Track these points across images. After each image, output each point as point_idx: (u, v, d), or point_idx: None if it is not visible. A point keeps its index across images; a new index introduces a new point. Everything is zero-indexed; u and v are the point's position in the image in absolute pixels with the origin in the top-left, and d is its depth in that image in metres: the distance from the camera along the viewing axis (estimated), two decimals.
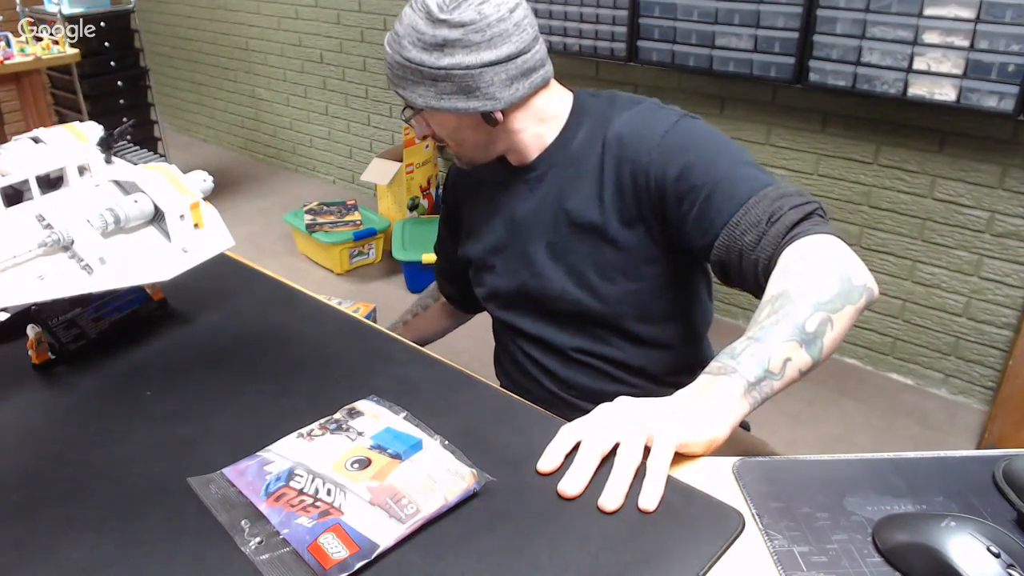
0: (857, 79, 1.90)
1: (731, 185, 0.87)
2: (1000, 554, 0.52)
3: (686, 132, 0.93)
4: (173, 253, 0.75)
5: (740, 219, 0.84)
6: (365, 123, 3.52)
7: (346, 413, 0.71)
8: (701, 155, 0.90)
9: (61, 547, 0.57)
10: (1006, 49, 1.69)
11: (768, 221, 0.83)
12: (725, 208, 0.86)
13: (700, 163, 0.89)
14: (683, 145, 0.91)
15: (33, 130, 0.82)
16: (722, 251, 0.86)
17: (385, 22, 3.19)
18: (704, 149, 0.91)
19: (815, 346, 0.72)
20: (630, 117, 0.96)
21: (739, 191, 0.86)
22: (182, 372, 0.80)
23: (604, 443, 0.63)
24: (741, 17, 2.04)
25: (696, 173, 0.88)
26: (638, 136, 0.94)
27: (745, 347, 0.71)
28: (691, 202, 0.89)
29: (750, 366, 0.69)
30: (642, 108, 0.97)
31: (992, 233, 1.98)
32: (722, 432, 0.66)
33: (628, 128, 0.95)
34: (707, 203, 0.87)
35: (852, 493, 0.63)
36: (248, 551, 0.56)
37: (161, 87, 4.50)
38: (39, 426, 0.73)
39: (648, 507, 0.60)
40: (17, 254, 0.67)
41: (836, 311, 0.73)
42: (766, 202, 0.84)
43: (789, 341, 0.71)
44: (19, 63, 2.70)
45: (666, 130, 0.92)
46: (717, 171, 0.88)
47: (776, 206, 0.83)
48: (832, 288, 0.74)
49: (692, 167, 0.89)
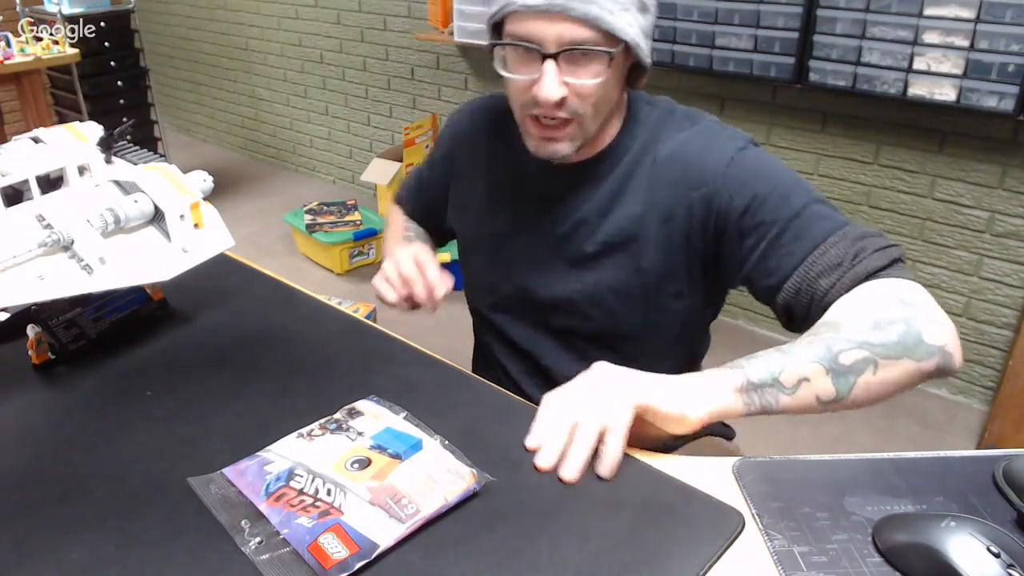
0: (857, 79, 1.90)
1: (805, 223, 0.79)
2: (1000, 554, 0.52)
3: (753, 162, 0.85)
4: (173, 253, 0.75)
5: (816, 260, 0.77)
6: (365, 123, 3.52)
7: (346, 413, 0.71)
8: (771, 188, 0.82)
9: (61, 547, 0.57)
10: (1006, 49, 1.69)
11: (849, 263, 0.76)
12: (799, 248, 0.79)
13: (770, 197, 0.81)
14: (751, 176, 0.83)
15: (33, 130, 0.82)
16: (791, 294, 0.79)
17: (385, 22, 3.19)
18: (773, 182, 0.82)
19: (844, 380, 0.67)
20: (688, 138, 0.87)
21: (814, 230, 0.79)
22: (182, 372, 0.80)
23: (569, 418, 0.67)
24: (741, 17, 2.04)
25: (766, 208, 0.81)
26: (699, 162, 0.85)
27: (764, 353, 0.69)
28: (757, 239, 0.81)
29: (757, 367, 0.68)
30: (701, 129, 0.88)
31: (992, 233, 1.98)
32: (695, 413, 0.65)
33: (687, 151, 0.87)
34: (777, 241, 0.80)
35: (852, 493, 0.63)
36: (248, 551, 0.56)
37: (161, 87, 4.50)
38: (39, 426, 0.73)
39: (602, 473, 0.64)
40: (17, 254, 0.67)
41: (886, 358, 0.67)
42: (846, 243, 0.77)
43: (814, 363, 0.67)
44: (19, 63, 2.70)
45: (731, 157, 0.84)
46: (789, 207, 0.80)
47: (858, 247, 0.77)
48: (891, 334, 0.68)
49: (761, 201, 0.81)
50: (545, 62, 0.78)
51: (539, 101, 0.80)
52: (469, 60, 2.95)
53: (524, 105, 0.83)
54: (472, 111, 1.05)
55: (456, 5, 2.63)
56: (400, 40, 3.17)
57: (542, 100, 0.79)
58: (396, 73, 3.26)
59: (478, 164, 1.01)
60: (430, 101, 3.18)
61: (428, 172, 1.13)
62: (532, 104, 0.82)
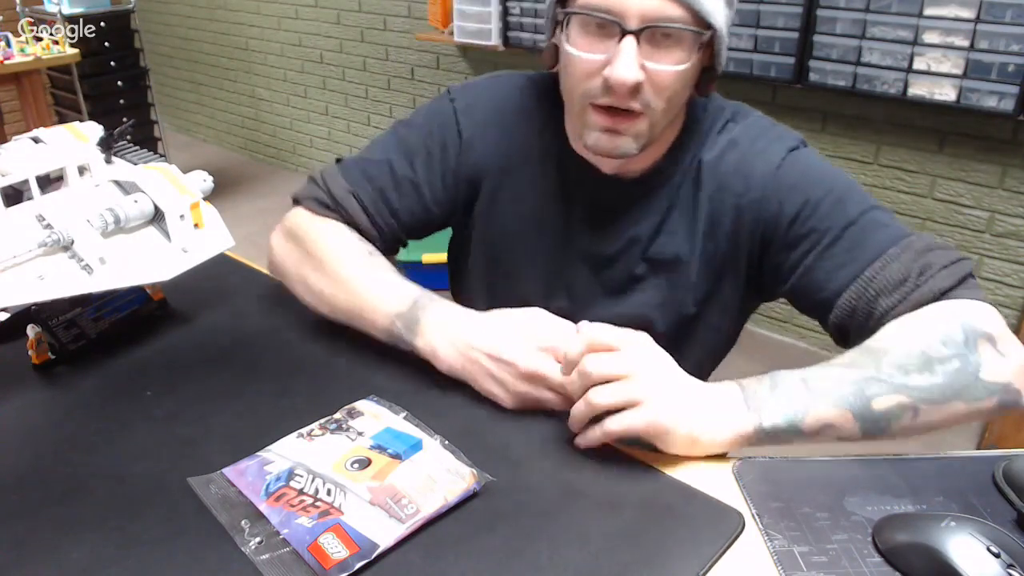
0: (857, 79, 1.90)
1: (862, 232, 0.72)
2: (1000, 554, 0.52)
3: (805, 164, 0.77)
4: (173, 253, 0.75)
5: (875, 276, 0.71)
6: (365, 123, 3.52)
7: (346, 413, 0.71)
8: (824, 193, 0.75)
9: (61, 547, 0.57)
10: (1006, 49, 1.69)
11: (913, 281, 0.69)
12: (855, 260, 0.72)
13: (823, 203, 0.74)
14: (802, 180, 0.76)
15: (33, 130, 0.82)
16: (846, 313, 0.72)
17: (385, 22, 3.19)
18: (827, 186, 0.75)
19: (875, 426, 0.64)
20: (735, 139, 0.79)
21: (873, 240, 0.72)
22: (182, 372, 0.80)
23: (617, 369, 0.62)
24: (741, 17, 2.03)
25: (818, 215, 0.74)
26: (746, 166, 0.78)
27: (786, 382, 0.65)
28: (808, 249, 0.74)
29: (774, 411, 0.63)
30: (748, 127, 0.80)
31: (992, 233, 1.98)
32: (695, 452, 0.65)
33: (733, 154, 0.79)
34: (829, 252, 0.73)
35: (852, 493, 0.63)
36: (248, 551, 0.55)
37: (161, 87, 4.50)
38: (39, 426, 0.73)
39: (578, 443, 0.65)
40: (17, 254, 0.67)
41: (931, 402, 0.63)
42: (909, 255, 0.70)
43: (841, 408, 0.63)
44: (19, 63, 2.70)
45: (781, 160, 0.77)
46: (844, 213, 0.73)
47: (923, 263, 0.70)
48: (939, 375, 0.63)
49: (813, 207, 0.74)
50: (624, 39, 0.67)
51: (611, 84, 0.69)
52: (469, 60, 2.95)
53: (587, 92, 0.72)
54: (492, 96, 0.86)
55: (456, 5, 2.63)
56: (400, 40, 3.17)
57: (616, 82, 0.68)
58: (396, 73, 3.26)
59: (513, 162, 0.85)
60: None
61: (422, 168, 0.86)
62: (599, 90, 0.71)
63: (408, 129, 0.87)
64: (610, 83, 0.69)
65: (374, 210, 0.85)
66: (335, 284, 0.80)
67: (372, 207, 0.85)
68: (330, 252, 0.81)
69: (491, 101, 0.86)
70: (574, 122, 0.77)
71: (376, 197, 0.85)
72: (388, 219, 0.86)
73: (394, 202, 0.85)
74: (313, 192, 0.87)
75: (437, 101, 0.88)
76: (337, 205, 0.85)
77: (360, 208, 0.84)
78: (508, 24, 2.57)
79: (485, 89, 0.87)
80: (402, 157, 0.86)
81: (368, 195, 0.85)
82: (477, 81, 0.88)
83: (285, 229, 0.88)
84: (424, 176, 0.85)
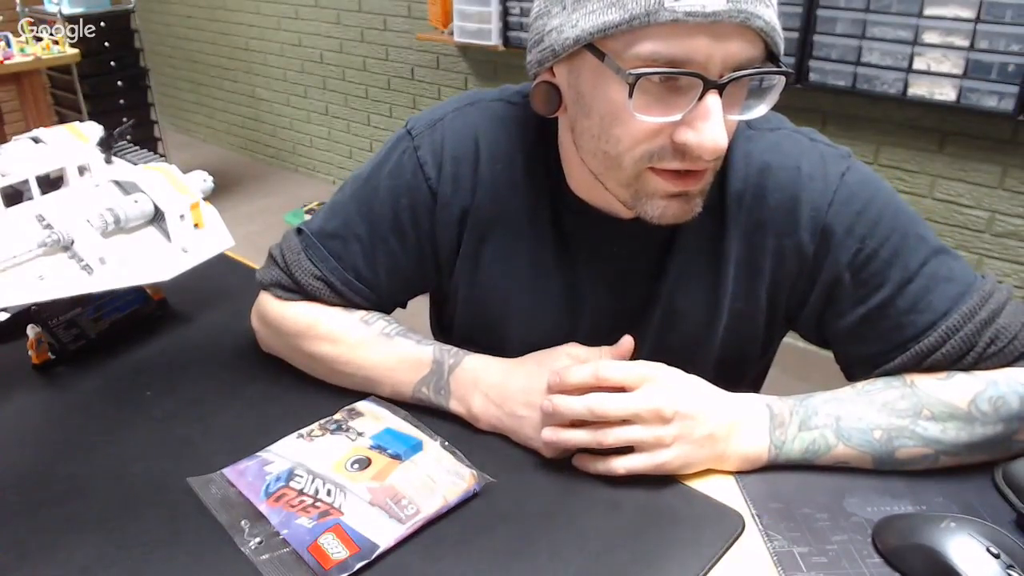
0: (857, 79, 1.90)
1: (923, 289, 0.64)
2: (1000, 555, 0.52)
3: (862, 193, 0.66)
4: (173, 253, 0.75)
5: (932, 349, 0.64)
6: (365, 123, 3.52)
7: (346, 413, 0.71)
8: (885, 237, 0.65)
9: (61, 547, 0.57)
10: (1006, 49, 1.69)
11: (980, 349, 0.63)
12: (912, 323, 0.64)
13: (882, 250, 0.65)
14: (858, 218, 0.66)
15: (33, 130, 0.82)
16: (890, 372, 0.66)
17: (385, 22, 3.19)
18: (888, 226, 0.65)
19: (889, 465, 0.64)
20: (770, 160, 0.68)
21: (935, 301, 0.64)
22: (182, 372, 0.80)
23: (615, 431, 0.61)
24: None
25: (875, 264, 0.65)
26: (792, 190, 0.66)
27: (820, 425, 0.64)
28: (859, 300, 0.66)
29: (796, 448, 0.64)
30: (782, 141, 0.69)
31: (992, 233, 1.98)
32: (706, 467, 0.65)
33: (772, 177, 0.67)
34: (886, 310, 0.65)
35: (852, 494, 0.63)
36: (248, 551, 0.55)
37: (161, 87, 4.50)
38: (39, 426, 0.73)
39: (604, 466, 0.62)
40: (17, 254, 0.67)
41: (955, 455, 0.63)
42: (973, 326, 0.63)
43: (863, 452, 0.64)
44: (19, 63, 2.70)
45: (835, 190, 0.66)
46: (903, 265, 0.64)
47: (992, 333, 0.63)
48: (976, 436, 0.62)
49: (870, 255, 0.65)
50: (707, 96, 0.54)
51: (695, 151, 0.56)
52: (469, 60, 2.95)
53: (647, 155, 0.59)
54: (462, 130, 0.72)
55: (456, 5, 2.63)
56: (400, 40, 3.17)
57: (705, 150, 0.55)
58: (396, 73, 3.26)
59: (498, 210, 0.73)
60: (430, 101, 3.17)
61: (395, 241, 0.74)
62: (667, 153, 0.58)
63: (373, 193, 0.74)
64: (689, 147, 0.56)
65: (349, 293, 0.75)
66: (338, 363, 0.73)
67: (346, 290, 0.75)
68: (319, 336, 0.74)
69: (461, 139, 0.72)
70: (616, 188, 0.63)
71: (349, 278, 0.75)
72: (367, 296, 0.76)
73: (369, 281, 0.75)
74: (276, 278, 0.77)
75: (398, 147, 0.74)
76: (304, 293, 0.76)
77: (332, 292, 0.75)
78: (508, 24, 2.57)
79: (451, 122, 0.73)
80: (371, 228, 0.74)
81: (340, 277, 0.74)
82: (443, 112, 0.74)
83: (259, 316, 0.80)
84: (398, 247, 0.75)
